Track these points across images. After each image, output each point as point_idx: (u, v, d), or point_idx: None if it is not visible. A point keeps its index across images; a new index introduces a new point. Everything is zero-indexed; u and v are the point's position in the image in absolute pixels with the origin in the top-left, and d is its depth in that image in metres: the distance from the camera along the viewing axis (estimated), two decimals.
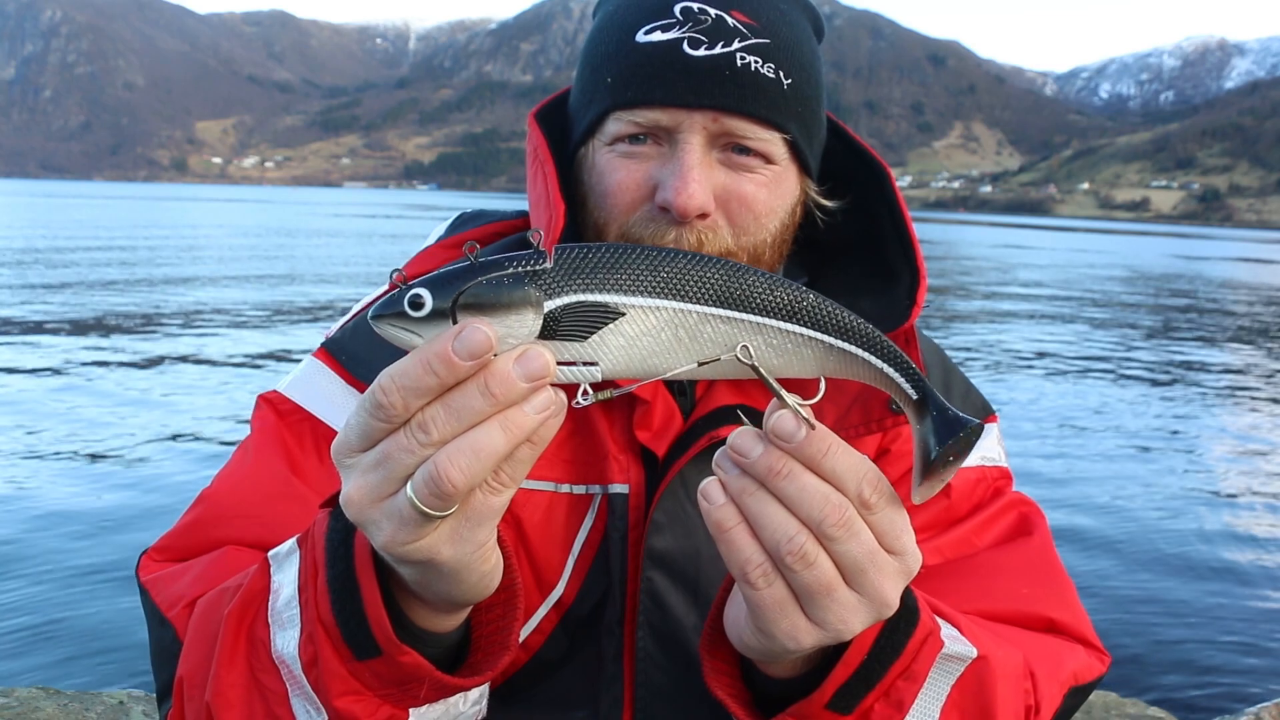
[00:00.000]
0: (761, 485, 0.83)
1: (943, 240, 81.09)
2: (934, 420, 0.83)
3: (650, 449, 1.24)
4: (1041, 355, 18.09)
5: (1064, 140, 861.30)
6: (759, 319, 0.78)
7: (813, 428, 0.81)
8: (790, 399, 0.80)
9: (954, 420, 0.83)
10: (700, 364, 0.78)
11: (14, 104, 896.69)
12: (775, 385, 0.80)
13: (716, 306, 0.77)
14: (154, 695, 1.63)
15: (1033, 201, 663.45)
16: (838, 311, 0.81)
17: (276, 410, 1.29)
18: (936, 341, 1.69)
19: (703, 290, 0.76)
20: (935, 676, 0.99)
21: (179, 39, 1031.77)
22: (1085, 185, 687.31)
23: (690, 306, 0.76)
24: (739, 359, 0.78)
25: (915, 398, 0.84)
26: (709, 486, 0.85)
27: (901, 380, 0.83)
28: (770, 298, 0.78)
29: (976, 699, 1.03)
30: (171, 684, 1.04)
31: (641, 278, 0.75)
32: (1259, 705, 4.28)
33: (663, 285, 0.75)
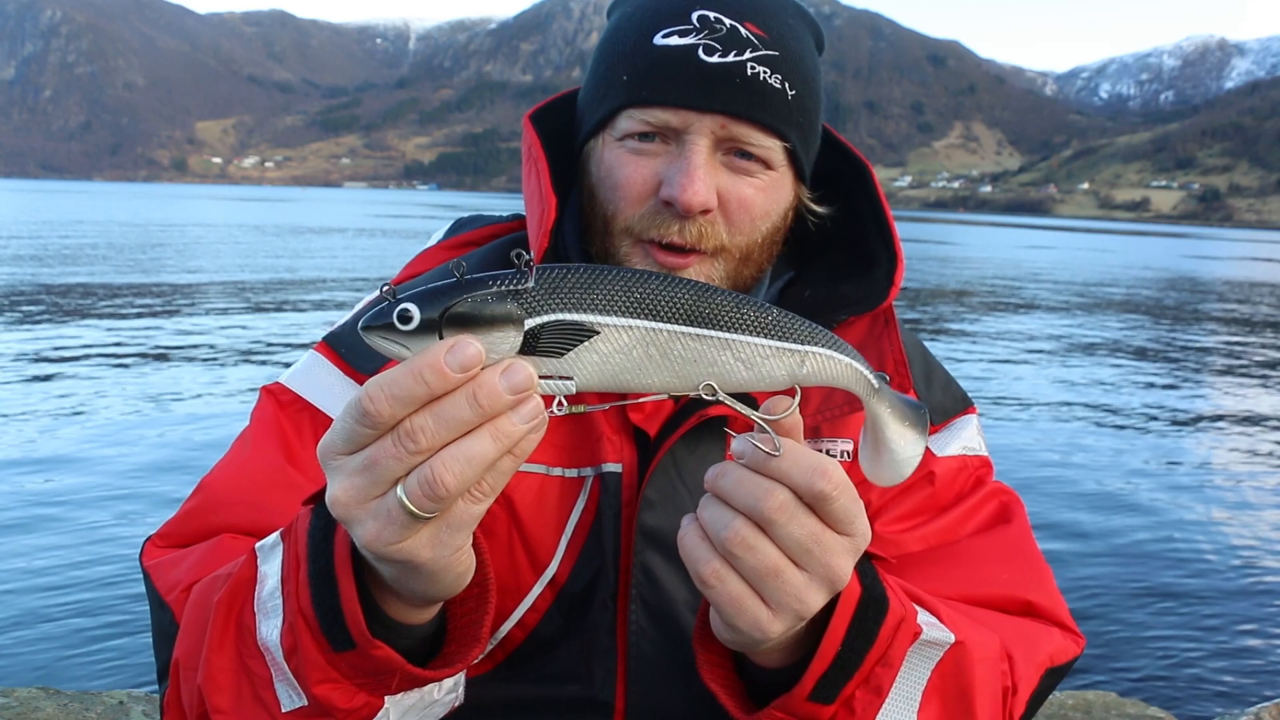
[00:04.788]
0: (710, 494, 0.90)
1: (943, 240, 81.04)
2: (898, 404, 0.92)
3: (643, 429, 1.30)
4: (1041, 356, 18.11)
5: (1064, 140, 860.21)
6: (726, 334, 0.82)
7: (777, 450, 0.85)
8: (758, 417, 0.85)
9: (912, 404, 0.94)
10: (672, 395, 0.83)
11: (14, 104, 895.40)
12: (743, 409, 0.84)
13: (685, 325, 0.81)
14: (154, 696, 1.88)
15: (1033, 201, 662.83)
16: (801, 322, 0.85)
17: (278, 400, 1.34)
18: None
19: (673, 310, 0.80)
20: (914, 661, 1.03)
21: (179, 39, 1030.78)
22: (1085, 185, 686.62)
23: (661, 325, 0.80)
24: (703, 396, 0.82)
25: (877, 386, 0.90)
26: (684, 522, 0.92)
27: (866, 370, 0.89)
28: (737, 315, 0.82)
29: (956, 682, 1.06)
30: (169, 665, 1.09)
31: (615, 298, 0.79)
32: (1259, 705, 4.30)
33: (635, 305, 0.79)
